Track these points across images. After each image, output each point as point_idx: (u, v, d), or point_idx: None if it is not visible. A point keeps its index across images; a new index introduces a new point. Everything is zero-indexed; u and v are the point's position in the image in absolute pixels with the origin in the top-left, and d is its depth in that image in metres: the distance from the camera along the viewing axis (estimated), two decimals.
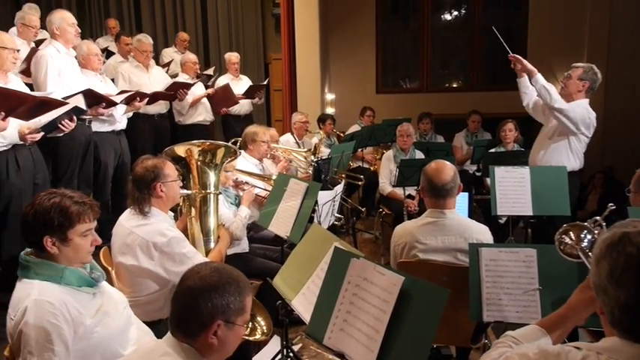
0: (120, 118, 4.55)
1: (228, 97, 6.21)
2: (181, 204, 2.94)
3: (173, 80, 5.78)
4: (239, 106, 6.50)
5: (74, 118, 3.57)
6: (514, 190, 3.58)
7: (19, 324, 1.71)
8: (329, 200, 3.60)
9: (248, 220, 3.45)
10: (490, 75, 8.54)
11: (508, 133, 5.34)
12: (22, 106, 3.06)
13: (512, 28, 8.64)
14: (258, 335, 2.36)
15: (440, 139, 6.55)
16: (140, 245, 2.45)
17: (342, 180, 4.68)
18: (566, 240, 1.80)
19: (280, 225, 3.22)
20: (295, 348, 3.16)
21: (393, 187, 5.08)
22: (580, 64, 3.94)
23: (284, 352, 2.73)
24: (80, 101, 3.65)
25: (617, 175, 6.82)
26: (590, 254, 1.56)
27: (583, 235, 1.79)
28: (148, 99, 4.77)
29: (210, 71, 7.26)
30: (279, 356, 2.78)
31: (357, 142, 5.86)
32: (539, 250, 2.20)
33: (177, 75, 6.27)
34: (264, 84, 6.90)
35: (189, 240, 2.66)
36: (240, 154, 4.02)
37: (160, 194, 2.52)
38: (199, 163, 2.87)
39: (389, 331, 1.63)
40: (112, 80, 5.15)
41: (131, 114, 4.79)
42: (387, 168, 5.28)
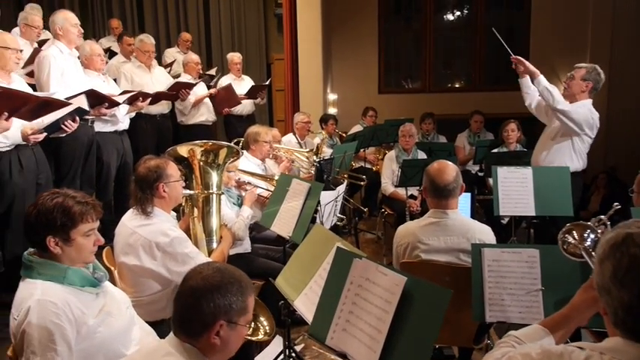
0: (122, 118, 4.57)
1: (230, 98, 6.21)
2: (184, 204, 2.94)
3: (175, 80, 5.79)
4: (241, 107, 6.50)
5: (77, 118, 3.57)
6: (517, 191, 3.57)
7: (22, 324, 1.71)
8: (331, 200, 3.60)
9: (250, 221, 3.45)
10: (493, 75, 8.53)
11: (510, 133, 5.32)
12: (25, 107, 3.07)
13: (514, 28, 8.63)
14: (260, 335, 2.36)
15: (442, 139, 6.54)
16: (143, 245, 2.45)
17: (345, 180, 4.68)
18: (570, 239, 1.80)
19: (282, 225, 3.22)
20: (297, 348, 3.16)
21: (395, 187, 5.07)
22: (583, 64, 3.92)
23: (286, 352, 2.73)
24: (83, 102, 3.66)
25: (620, 176, 6.81)
26: (594, 254, 1.56)
27: (586, 235, 1.79)
28: (150, 99, 4.79)
29: (213, 71, 7.28)
30: (281, 356, 2.78)
31: (360, 142, 5.86)
32: (541, 251, 2.20)
33: (179, 75, 6.28)
34: (266, 84, 6.90)
35: (191, 240, 2.66)
36: (243, 154, 4.02)
37: (163, 194, 2.53)
38: (202, 163, 2.88)
39: (391, 332, 1.63)
40: (115, 80, 5.16)
41: (134, 114, 4.80)
42: (389, 168, 5.27)
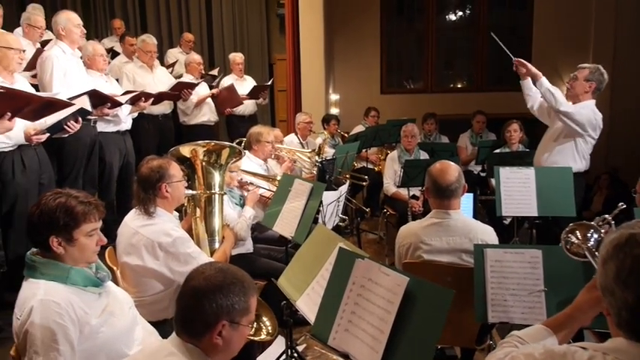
0: (125, 118, 4.57)
1: (232, 98, 6.22)
2: (186, 204, 2.95)
3: (177, 80, 5.80)
4: (243, 107, 6.50)
5: (79, 119, 3.58)
6: (519, 191, 3.56)
7: (25, 324, 1.71)
8: (333, 201, 3.60)
9: (252, 221, 3.45)
10: (495, 75, 8.52)
11: (513, 133, 5.30)
12: (28, 107, 3.07)
13: (517, 28, 8.61)
14: (263, 335, 2.36)
15: (444, 139, 6.53)
16: (145, 245, 2.45)
17: (347, 180, 4.68)
18: (573, 239, 1.80)
19: (285, 225, 3.22)
20: (300, 348, 3.16)
21: (397, 187, 5.06)
22: (586, 64, 3.90)
23: (288, 352, 2.73)
24: (86, 102, 3.67)
25: (623, 176, 6.79)
26: (597, 254, 1.55)
27: (589, 235, 1.78)
28: (153, 99, 4.79)
29: (215, 72, 7.29)
30: (283, 356, 2.78)
31: (362, 142, 5.85)
32: (544, 251, 2.19)
33: (181, 76, 6.29)
34: (268, 84, 6.90)
35: (194, 240, 2.66)
36: (245, 154, 4.02)
37: (165, 195, 2.53)
38: (204, 163, 2.88)
39: (394, 332, 1.63)
40: (117, 80, 5.16)
41: (136, 114, 4.81)
42: (391, 168, 5.27)
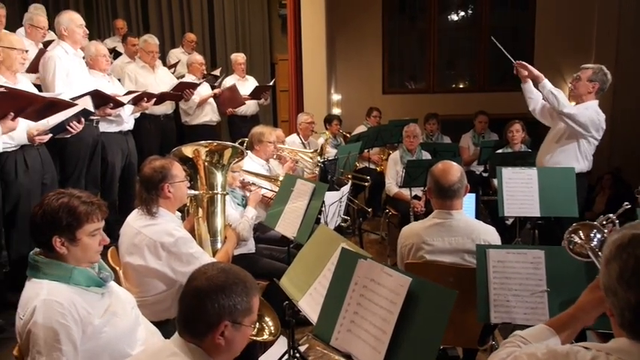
0: (127, 118, 4.58)
1: (234, 98, 6.23)
2: (188, 204, 2.95)
3: (179, 80, 5.80)
4: (245, 107, 6.51)
5: (82, 119, 3.58)
6: (521, 191, 3.55)
7: (27, 323, 1.71)
8: (336, 201, 3.60)
9: (255, 221, 3.46)
10: (497, 75, 8.50)
11: (515, 133, 5.29)
12: (31, 107, 3.08)
13: (519, 28, 8.60)
14: (265, 335, 2.36)
15: (446, 139, 6.54)
16: (148, 245, 2.46)
17: (349, 181, 4.67)
18: (576, 239, 1.79)
19: (287, 226, 3.22)
20: (302, 349, 3.16)
21: (399, 187, 5.07)
22: (589, 65, 3.88)
23: (290, 352, 2.73)
24: (88, 103, 3.67)
25: (625, 176, 6.77)
26: (600, 254, 1.55)
27: (593, 235, 1.78)
28: (155, 99, 4.80)
29: (217, 72, 7.29)
30: (285, 357, 2.78)
31: (364, 142, 5.85)
32: (547, 252, 2.19)
33: (183, 76, 6.29)
34: (270, 85, 6.90)
35: (196, 240, 2.67)
36: (247, 154, 4.02)
37: (168, 195, 2.53)
38: (207, 163, 2.88)
39: (396, 333, 1.63)
40: (119, 80, 5.17)
41: (138, 114, 4.82)
42: (393, 169, 5.27)
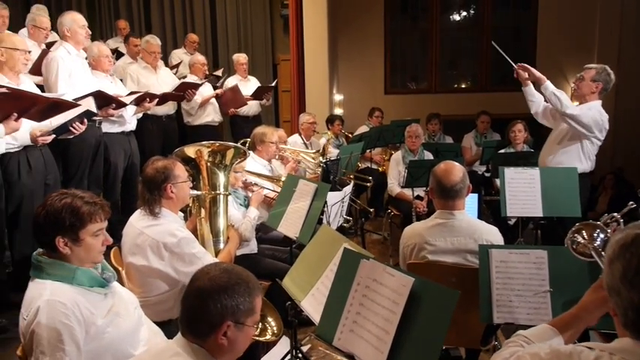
0: (130, 119, 4.59)
1: (236, 98, 6.23)
2: (191, 205, 2.95)
3: (181, 81, 5.81)
4: (247, 107, 6.51)
5: (85, 120, 3.59)
6: (524, 191, 3.54)
7: (31, 324, 1.72)
8: (338, 201, 3.60)
9: (257, 221, 3.46)
10: (499, 75, 8.48)
11: (517, 133, 5.29)
12: (34, 107, 3.09)
13: (521, 28, 8.60)
14: (268, 336, 2.37)
15: (449, 139, 6.53)
16: (150, 246, 2.46)
17: (351, 181, 4.67)
18: (579, 239, 1.79)
19: (289, 226, 3.22)
20: (304, 349, 3.16)
21: (401, 188, 5.06)
22: (593, 65, 3.87)
23: (293, 352, 2.73)
24: (91, 104, 3.68)
25: (628, 177, 6.77)
26: (603, 253, 1.55)
27: (596, 234, 1.78)
28: (157, 100, 4.80)
29: (219, 72, 7.30)
30: (287, 357, 2.78)
31: (366, 142, 5.86)
32: (550, 252, 2.18)
33: (185, 77, 6.30)
34: (271, 86, 6.91)
35: (198, 241, 2.67)
36: (249, 155, 4.02)
37: (171, 195, 2.54)
38: (209, 164, 2.88)
39: (399, 333, 1.63)
40: (121, 81, 5.18)
41: (141, 115, 4.82)
42: (395, 169, 5.27)
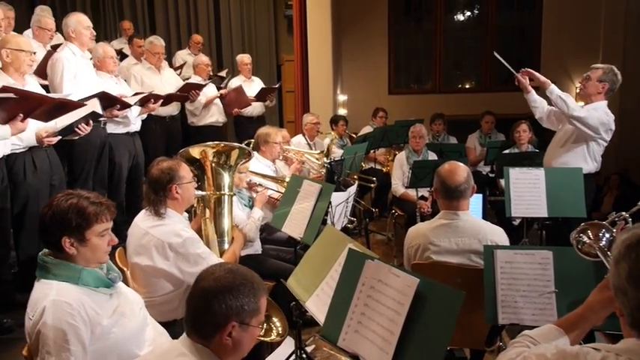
0: (134, 119, 4.60)
1: (240, 99, 6.25)
2: (196, 205, 2.95)
3: (185, 81, 5.82)
4: (251, 108, 6.52)
5: (90, 121, 3.61)
6: (529, 192, 3.53)
7: (37, 324, 1.72)
8: (342, 202, 3.60)
9: (261, 222, 3.46)
10: (503, 75, 8.44)
11: (522, 133, 5.26)
12: (40, 108, 3.10)
13: (525, 29, 8.58)
14: (273, 336, 2.36)
15: (453, 140, 6.52)
16: (155, 246, 2.47)
17: (355, 181, 4.67)
18: (585, 239, 1.79)
19: (294, 226, 3.22)
20: (308, 349, 3.15)
21: (405, 188, 5.06)
22: (599, 65, 3.85)
23: (297, 353, 2.72)
24: (97, 106, 3.70)
25: (633, 177, 6.74)
26: (609, 253, 1.54)
27: (601, 234, 1.77)
28: (162, 100, 4.81)
29: (223, 73, 7.32)
30: (292, 357, 2.78)
31: (370, 143, 5.85)
32: (555, 252, 2.17)
33: (189, 78, 6.32)
34: (275, 87, 6.91)
35: (203, 241, 2.67)
36: (254, 155, 4.03)
37: (176, 196, 2.54)
38: (214, 164, 2.89)
39: (404, 333, 1.62)
40: (125, 82, 5.19)
41: (145, 115, 4.84)
42: (399, 169, 5.26)
